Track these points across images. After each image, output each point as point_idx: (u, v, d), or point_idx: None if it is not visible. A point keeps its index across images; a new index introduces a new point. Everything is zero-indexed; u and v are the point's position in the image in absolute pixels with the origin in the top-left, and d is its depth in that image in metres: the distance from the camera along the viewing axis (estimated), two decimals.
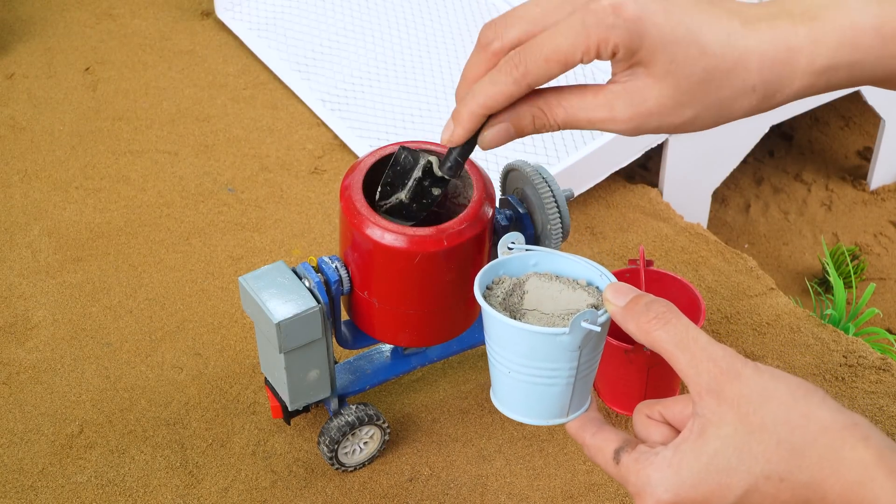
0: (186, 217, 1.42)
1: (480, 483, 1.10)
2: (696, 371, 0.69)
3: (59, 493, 1.10)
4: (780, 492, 0.67)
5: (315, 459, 1.12)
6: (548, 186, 1.00)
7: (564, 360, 0.75)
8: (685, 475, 0.69)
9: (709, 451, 0.68)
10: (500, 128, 0.75)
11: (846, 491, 0.65)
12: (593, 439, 0.76)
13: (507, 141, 0.76)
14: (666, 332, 0.70)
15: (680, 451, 0.69)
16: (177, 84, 1.65)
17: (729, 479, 0.68)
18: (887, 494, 0.64)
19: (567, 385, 0.77)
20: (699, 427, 0.69)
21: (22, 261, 1.36)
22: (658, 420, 0.74)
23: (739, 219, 1.94)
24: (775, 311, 1.29)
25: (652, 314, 0.71)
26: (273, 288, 0.98)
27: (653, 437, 0.74)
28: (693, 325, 0.71)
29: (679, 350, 0.70)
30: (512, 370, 0.77)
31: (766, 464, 0.67)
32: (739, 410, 0.68)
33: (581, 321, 0.73)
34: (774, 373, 0.69)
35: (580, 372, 0.77)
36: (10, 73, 1.67)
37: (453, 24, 1.72)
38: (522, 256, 0.81)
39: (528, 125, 0.74)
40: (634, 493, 0.71)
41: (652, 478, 0.70)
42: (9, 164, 1.50)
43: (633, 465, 0.71)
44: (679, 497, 0.69)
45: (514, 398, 0.79)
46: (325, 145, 1.53)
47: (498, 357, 0.78)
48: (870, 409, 1.17)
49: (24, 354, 1.24)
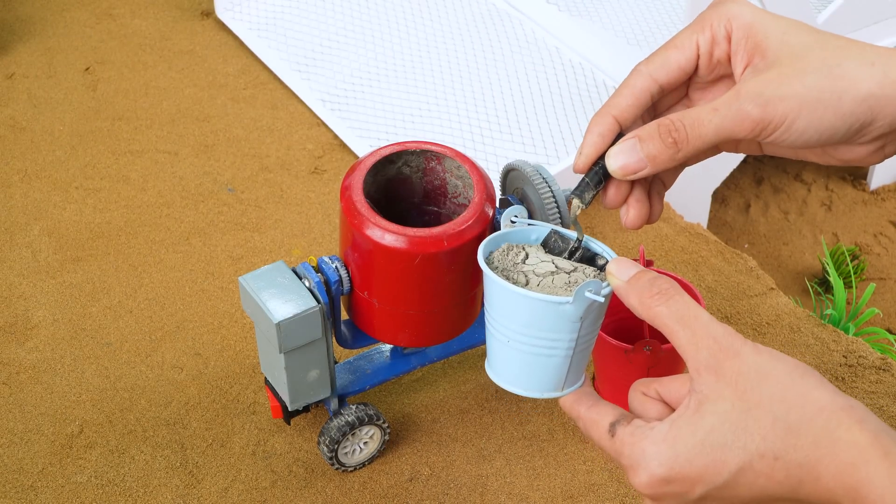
0: (186, 217, 1.42)
1: (480, 483, 1.10)
2: (695, 347, 0.69)
3: (59, 493, 1.10)
4: (775, 471, 0.67)
5: (315, 459, 1.12)
6: (548, 186, 1.00)
7: (565, 330, 0.75)
8: (680, 449, 0.69)
9: (705, 426, 0.68)
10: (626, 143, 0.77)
11: (840, 472, 0.65)
12: (588, 412, 0.76)
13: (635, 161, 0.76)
14: (668, 307, 0.70)
15: (676, 425, 0.69)
16: (177, 84, 1.65)
17: (724, 455, 0.68)
18: (881, 477, 0.64)
19: (565, 357, 0.77)
20: (696, 403, 0.69)
21: (22, 261, 1.36)
22: (654, 398, 0.74)
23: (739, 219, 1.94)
24: (775, 311, 1.29)
25: (655, 289, 0.71)
26: (273, 288, 0.98)
27: (649, 414, 0.74)
28: (695, 303, 0.71)
29: (680, 326, 0.70)
30: (511, 339, 0.77)
31: (761, 441, 0.67)
32: (737, 387, 0.68)
33: (585, 291, 0.73)
34: (773, 353, 0.69)
35: (579, 344, 0.77)
36: (10, 73, 1.67)
37: (453, 24, 1.72)
38: (524, 230, 0.82)
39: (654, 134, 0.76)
40: (628, 466, 0.71)
41: (647, 451, 0.70)
42: (9, 164, 1.50)
43: (629, 438, 0.71)
44: (673, 471, 0.69)
45: (511, 369, 0.79)
46: (325, 145, 1.53)
47: (497, 326, 0.78)
48: (870, 409, 1.17)
49: (24, 354, 1.24)
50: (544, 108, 1.54)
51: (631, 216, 0.79)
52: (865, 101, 0.71)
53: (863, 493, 0.65)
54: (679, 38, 0.77)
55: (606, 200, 0.79)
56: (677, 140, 0.74)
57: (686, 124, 0.74)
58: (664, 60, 0.77)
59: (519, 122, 1.52)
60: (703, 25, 0.76)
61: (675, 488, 0.70)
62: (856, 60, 0.72)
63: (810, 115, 0.72)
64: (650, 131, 0.75)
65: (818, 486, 0.66)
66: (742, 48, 0.75)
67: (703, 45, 0.76)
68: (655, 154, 0.75)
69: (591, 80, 1.59)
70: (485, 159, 1.46)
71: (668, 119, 0.74)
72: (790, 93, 0.71)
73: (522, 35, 1.69)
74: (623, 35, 1.68)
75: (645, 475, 0.70)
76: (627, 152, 0.75)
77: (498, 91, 1.58)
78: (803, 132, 0.72)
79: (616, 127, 0.77)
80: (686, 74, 0.77)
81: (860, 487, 0.65)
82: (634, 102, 0.77)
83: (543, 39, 1.67)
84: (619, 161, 0.76)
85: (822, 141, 0.73)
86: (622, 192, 0.79)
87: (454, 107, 1.56)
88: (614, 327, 1.12)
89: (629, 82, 0.77)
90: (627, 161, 0.75)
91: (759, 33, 0.74)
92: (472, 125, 1.52)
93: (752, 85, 0.73)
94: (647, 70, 0.77)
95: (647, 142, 0.75)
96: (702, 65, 0.77)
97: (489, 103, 1.56)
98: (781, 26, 0.74)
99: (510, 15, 1.73)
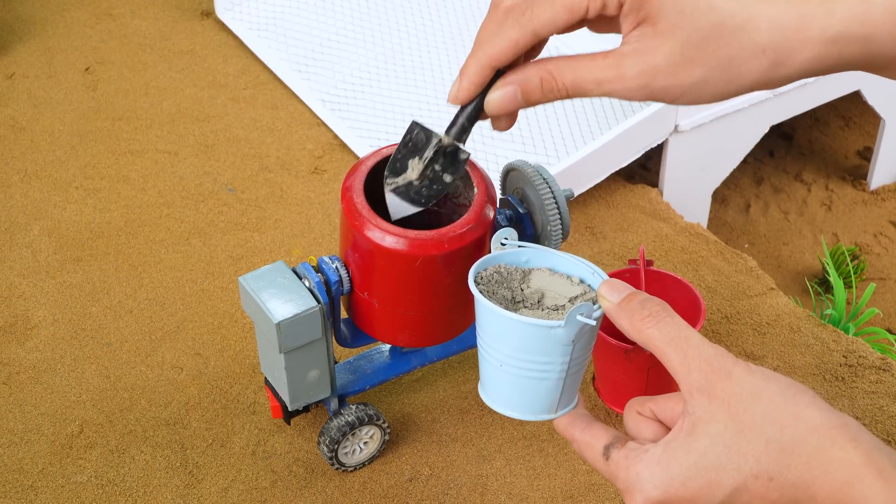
0: (186, 217, 1.42)
1: (480, 483, 1.10)
2: (687, 369, 0.69)
3: (59, 493, 1.10)
4: (769, 491, 0.67)
5: (315, 459, 1.12)
6: (548, 186, 1.00)
7: (557, 353, 0.75)
8: (674, 472, 0.69)
9: (699, 448, 0.68)
10: (507, 90, 0.75)
11: (835, 491, 0.65)
12: (583, 435, 0.76)
13: (514, 107, 0.75)
14: (658, 329, 0.70)
15: (670, 448, 0.69)
16: (177, 84, 1.65)
17: (718, 476, 0.68)
18: (876, 495, 0.64)
19: (558, 380, 0.77)
20: (689, 425, 0.69)
21: (22, 261, 1.36)
22: (649, 417, 0.74)
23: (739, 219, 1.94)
24: (775, 311, 1.29)
25: (646, 312, 0.71)
26: (273, 288, 0.98)
27: (643, 434, 0.74)
28: (686, 324, 0.71)
29: (671, 348, 0.70)
30: (504, 363, 0.77)
31: (755, 462, 0.67)
32: (730, 409, 0.68)
33: (577, 314, 0.73)
34: (765, 373, 0.69)
35: (571, 367, 0.77)
36: (10, 73, 1.67)
37: (453, 24, 1.72)
38: (515, 252, 0.81)
39: (536, 89, 0.74)
40: (623, 490, 0.71)
41: (641, 475, 0.70)
42: (9, 164, 1.50)
43: (623, 461, 0.71)
44: (668, 494, 0.69)
45: (504, 392, 0.79)
46: (325, 145, 1.53)
47: (489, 350, 0.78)
48: (870, 409, 1.17)
49: (24, 354, 1.24)
50: (544, 108, 1.54)
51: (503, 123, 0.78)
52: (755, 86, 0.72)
53: None
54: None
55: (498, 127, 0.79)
56: (555, 88, 0.73)
57: (567, 82, 0.73)
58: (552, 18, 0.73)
59: (519, 122, 1.52)
60: None
61: None
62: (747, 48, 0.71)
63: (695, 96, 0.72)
64: (534, 84, 0.74)
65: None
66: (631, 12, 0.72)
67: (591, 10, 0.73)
68: (534, 101, 0.74)
69: None
70: (485, 159, 1.46)
71: (548, 72, 0.73)
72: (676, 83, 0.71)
73: None
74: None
75: (640, 498, 0.70)
76: (509, 101, 0.75)
77: None
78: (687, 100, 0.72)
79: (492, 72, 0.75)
80: (568, 29, 0.75)
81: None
82: (513, 50, 0.74)
83: None
84: (500, 108, 0.75)
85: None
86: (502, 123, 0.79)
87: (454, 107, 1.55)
88: (614, 327, 1.11)
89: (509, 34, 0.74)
90: (507, 107, 0.75)
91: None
92: None
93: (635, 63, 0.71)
94: (530, 26, 0.73)
95: (530, 94, 0.74)
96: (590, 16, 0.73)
97: None
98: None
99: None
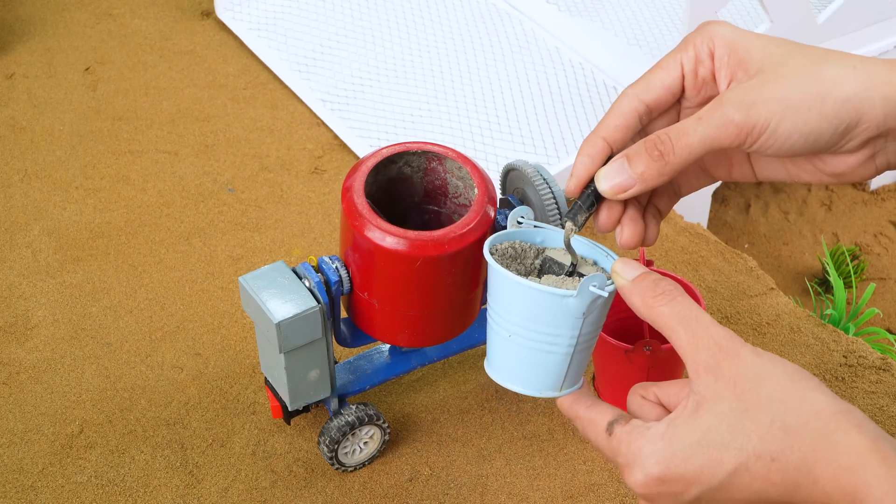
0: (186, 217, 1.42)
1: (480, 483, 1.10)
2: (695, 348, 0.70)
3: (59, 493, 1.10)
4: (771, 472, 0.67)
5: (315, 459, 1.12)
6: (548, 186, 1.00)
7: (567, 326, 0.76)
8: (677, 448, 0.69)
9: (702, 426, 0.69)
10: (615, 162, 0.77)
11: (838, 476, 0.66)
12: (587, 412, 0.76)
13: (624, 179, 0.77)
14: (670, 307, 0.71)
15: (674, 425, 0.70)
16: (177, 84, 1.65)
17: (720, 454, 0.68)
18: (880, 481, 0.64)
19: (566, 355, 0.77)
20: (694, 403, 0.69)
21: (22, 261, 1.36)
22: (653, 401, 0.75)
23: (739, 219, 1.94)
24: (775, 311, 1.29)
25: (658, 290, 0.72)
26: (273, 288, 0.98)
27: (647, 416, 0.74)
28: (697, 305, 0.72)
29: (681, 326, 0.71)
30: (513, 333, 0.77)
31: (758, 442, 0.67)
32: (735, 388, 0.68)
33: (590, 285, 0.74)
34: (773, 357, 0.70)
35: (580, 343, 0.77)
36: (10, 73, 1.67)
37: (453, 24, 1.72)
38: (531, 232, 0.82)
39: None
40: (624, 465, 0.72)
41: (643, 450, 0.70)
42: (9, 164, 1.50)
43: (626, 436, 0.72)
44: (669, 470, 0.69)
45: (511, 365, 0.79)
46: (325, 145, 1.53)
47: (499, 319, 0.78)
48: (870, 409, 1.17)
49: (24, 354, 1.24)
50: (544, 109, 1.54)
51: (625, 235, 0.79)
52: (848, 101, 0.71)
53: (860, 498, 0.65)
54: (664, 59, 0.78)
55: (599, 223, 0.79)
56: (664, 152, 0.74)
57: (671, 136, 0.74)
58: (649, 81, 0.77)
59: (519, 122, 1.52)
60: (686, 46, 0.77)
61: (670, 488, 0.70)
62: (837, 65, 0.72)
63: (794, 118, 0.72)
64: (637, 149, 0.75)
65: (815, 490, 0.67)
66: (725, 64, 0.75)
67: (687, 65, 0.76)
68: (643, 170, 0.74)
69: (591, 80, 1.59)
70: (485, 159, 1.46)
71: (653, 134, 0.75)
72: (772, 96, 0.72)
73: (522, 35, 1.69)
74: (623, 35, 1.68)
75: (640, 474, 0.70)
76: (616, 171, 0.75)
77: (498, 91, 1.58)
78: (788, 136, 0.72)
79: (606, 149, 0.77)
80: (672, 94, 0.77)
81: (858, 492, 0.65)
82: (623, 123, 0.77)
83: (543, 39, 1.67)
84: (609, 181, 0.76)
85: (808, 145, 0.73)
86: (614, 214, 0.79)
87: (454, 107, 1.56)
88: (614, 327, 1.12)
89: (617, 104, 0.77)
90: (617, 180, 0.75)
91: (741, 48, 0.74)
92: (472, 125, 1.52)
93: (734, 92, 0.73)
94: (633, 91, 0.77)
95: (635, 159, 0.75)
96: (688, 85, 0.77)
97: (489, 103, 1.56)
98: (762, 40, 0.75)
99: (510, 15, 1.73)
